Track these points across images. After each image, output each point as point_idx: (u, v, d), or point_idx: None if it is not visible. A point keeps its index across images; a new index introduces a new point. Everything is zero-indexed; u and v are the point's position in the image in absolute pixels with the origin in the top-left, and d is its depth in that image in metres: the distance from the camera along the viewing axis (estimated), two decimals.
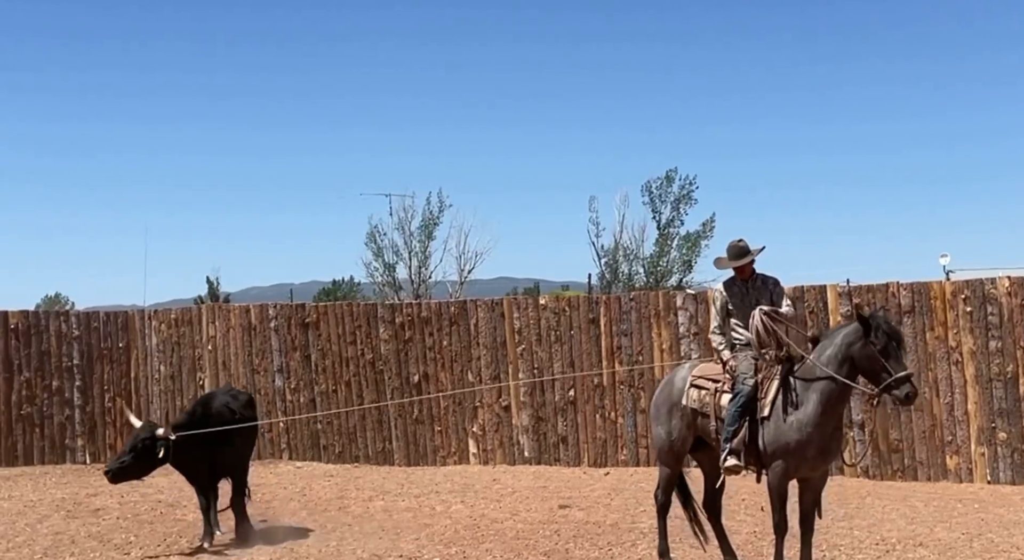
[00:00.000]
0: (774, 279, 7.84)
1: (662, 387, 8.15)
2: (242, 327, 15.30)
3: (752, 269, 7.82)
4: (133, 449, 9.05)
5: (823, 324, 12.56)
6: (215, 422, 9.51)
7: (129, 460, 9.04)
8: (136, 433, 9.16)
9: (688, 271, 34.17)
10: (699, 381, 7.74)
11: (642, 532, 9.41)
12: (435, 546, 9.08)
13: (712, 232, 34.26)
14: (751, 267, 7.81)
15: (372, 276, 35.49)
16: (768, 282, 7.81)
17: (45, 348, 15.42)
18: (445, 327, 14.42)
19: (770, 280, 7.82)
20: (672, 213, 34.47)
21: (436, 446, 14.37)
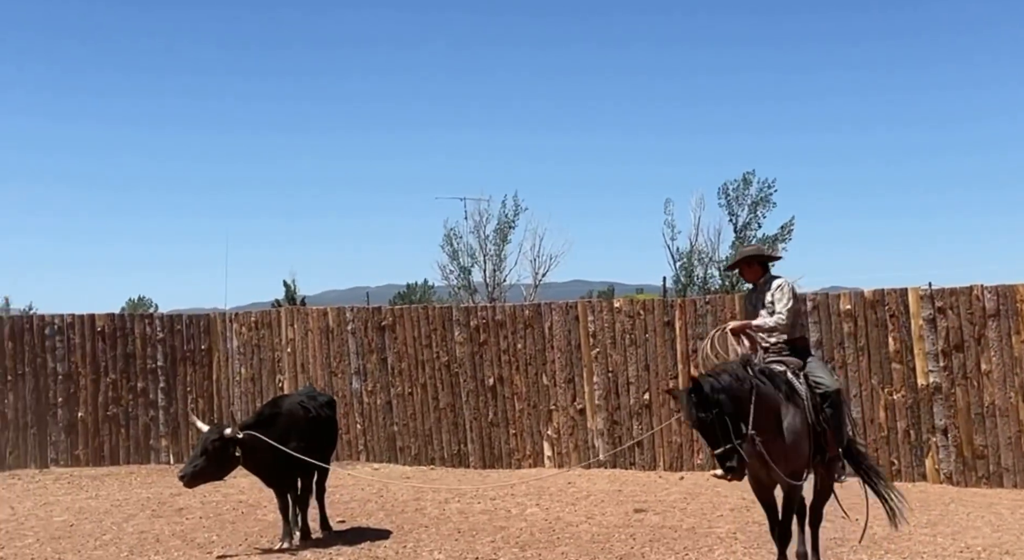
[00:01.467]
0: (775, 280, 7.56)
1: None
2: (320, 330, 15.52)
3: (760, 273, 7.65)
4: (204, 452, 9.19)
5: (904, 328, 12.35)
6: (285, 421, 9.61)
7: (202, 463, 9.17)
8: (205, 436, 9.30)
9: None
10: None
11: (719, 537, 9.34)
12: (511, 548, 9.11)
13: (790, 236, 33.88)
14: (756, 272, 7.65)
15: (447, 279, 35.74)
16: (769, 284, 7.58)
17: (130, 350, 15.81)
18: (520, 330, 14.46)
19: (771, 282, 7.57)
20: (749, 216, 34.14)
21: (511, 449, 14.41)
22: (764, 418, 6.80)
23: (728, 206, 34.33)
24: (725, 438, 6.56)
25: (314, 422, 9.86)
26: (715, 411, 6.57)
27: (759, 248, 7.85)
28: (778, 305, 7.44)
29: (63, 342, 15.65)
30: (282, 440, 9.40)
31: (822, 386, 7.32)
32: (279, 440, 9.38)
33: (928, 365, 12.20)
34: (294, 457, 9.45)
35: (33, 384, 15.50)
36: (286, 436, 9.47)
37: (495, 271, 35.08)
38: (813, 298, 13.14)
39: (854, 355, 12.62)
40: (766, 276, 7.65)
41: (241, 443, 9.15)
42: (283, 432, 9.48)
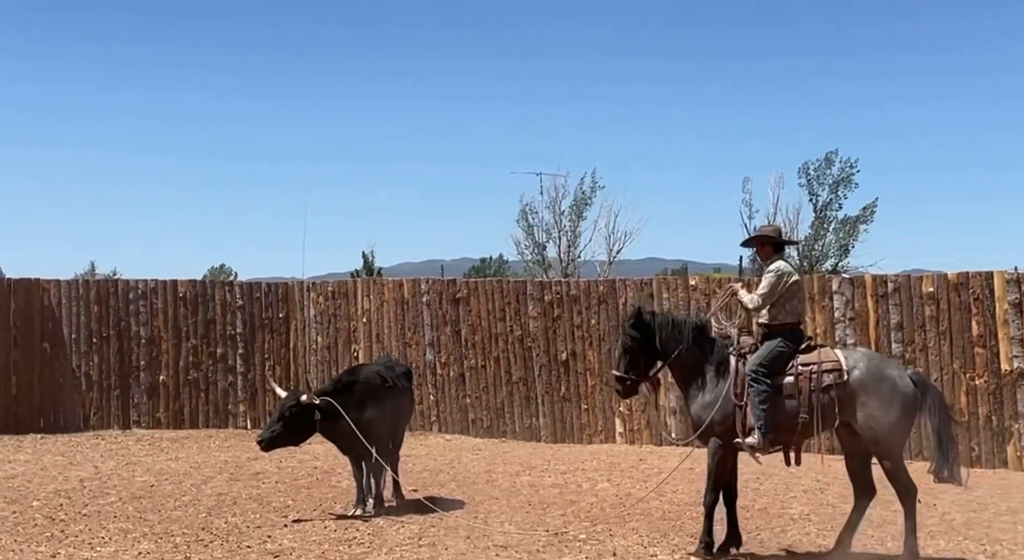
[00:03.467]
0: (771, 264, 7.97)
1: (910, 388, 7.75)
2: (395, 301, 15.65)
3: (770, 254, 8.06)
4: (281, 417, 9.37)
5: (988, 312, 12.05)
6: (361, 389, 9.72)
7: (279, 428, 9.35)
8: (282, 402, 9.48)
9: (844, 256, 33.22)
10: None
11: (792, 518, 9.25)
12: (581, 523, 9.13)
13: (872, 217, 33.23)
14: (767, 252, 8.09)
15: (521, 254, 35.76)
16: (767, 266, 8.02)
17: (211, 316, 16.12)
18: (593, 306, 14.43)
19: (770, 264, 7.99)
20: (830, 196, 33.55)
21: (583, 424, 14.42)
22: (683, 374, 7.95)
23: (808, 186, 33.80)
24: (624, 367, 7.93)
25: (390, 392, 9.95)
26: (637, 341, 7.82)
27: (775, 230, 8.36)
28: (759, 288, 7.91)
29: (146, 307, 16.01)
30: (358, 408, 9.52)
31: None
32: (355, 408, 9.50)
33: (1012, 350, 11.91)
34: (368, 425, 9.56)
35: (117, 347, 15.90)
36: (362, 404, 9.58)
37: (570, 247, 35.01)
38: (895, 280, 12.90)
39: (935, 339, 12.37)
40: (772, 258, 8.03)
41: (319, 409, 9.30)
42: (359, 400, 9.60)
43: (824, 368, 7.56)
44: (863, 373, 7.55)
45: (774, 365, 7.61)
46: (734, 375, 7.69)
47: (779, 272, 7.80)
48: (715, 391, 7.73)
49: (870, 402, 7.49)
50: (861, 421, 7.53)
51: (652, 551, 8.10)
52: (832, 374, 7.55)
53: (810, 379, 7.55)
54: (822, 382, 7.53)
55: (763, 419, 7.51)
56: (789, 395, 7.58)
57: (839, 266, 32.56)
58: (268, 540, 8.59)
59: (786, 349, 7.67)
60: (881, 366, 7.74)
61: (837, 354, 7.74)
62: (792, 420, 7.58)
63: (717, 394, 7.70)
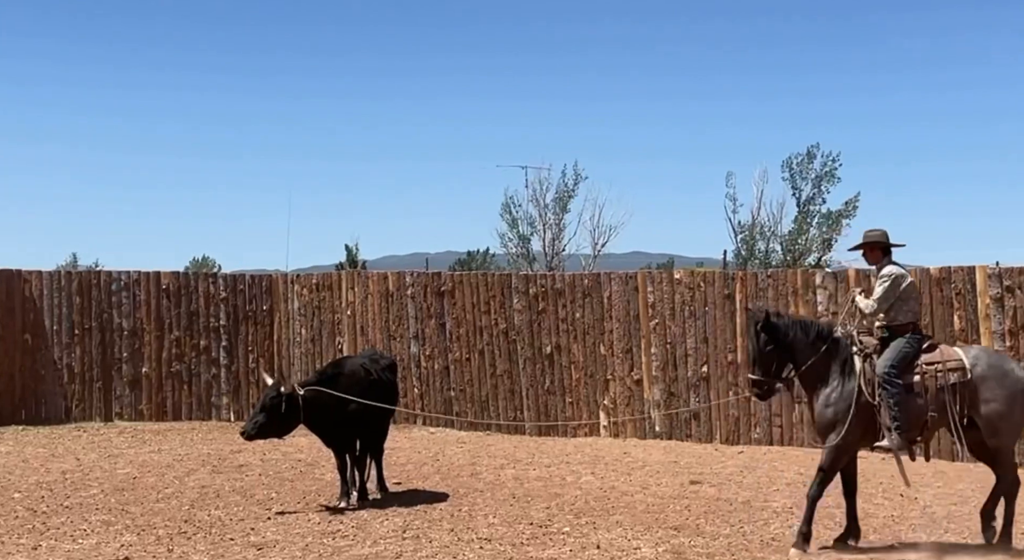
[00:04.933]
0: (885, 268, 8.06)
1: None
2: (380, 294, 15.63)
3: (880, 257, 8.14)
4: (263, 408, 9.35)
5: (970, 306, 12.13)
6: (346, 381, 9.71)
7: (261, 419, 9.33)
8: (266, 392, 9.46)
9: (827, 250, 33.33)
10: None
11: (775, 511, 9.29)
12: (565, 515, 9.15)
13: (855, 211, 33.32)
14: (876, 256, 8.16)
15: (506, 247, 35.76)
16: (880, 270, 8.10)
17: (194, 308, 16.05)
18: (578, 299, 14.44)
19: (883, 268, 8.07)
20: (813, 190, 33.64)
21: (567, 417, 14.43)
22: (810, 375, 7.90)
23: (791, 180, 33.84)
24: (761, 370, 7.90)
25: (375, 384, 9.94)
26: (769, 346, 7.84)
27: (882, 235, 8.29)
28: (875, 292, 8.03)
29: (129, 298, 15.93)
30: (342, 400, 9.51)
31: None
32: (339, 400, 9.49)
33: (994, 344, 11.96)
34: (352, 417, 9.55)
35: (99, 339, 15.82)
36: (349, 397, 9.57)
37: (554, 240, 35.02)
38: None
39: None
40: (883, 261, 8.15)
41: (302, 400, 9.28)
42: (343, 392, 9.58)
43: (948, 366, 7.81)
44: (985, 369, 7.80)
45: (902, 365, 7.81)
46: (860, 375, 7.83)
47: (892, 276, 7.99)
48: (842, 391, 7.84)
49: (993, 397, 7.74)
50: (984, 415, 7.77)
51: (636, 544, 8.13)
52: (956, 372, 7.78)
53: (935, 377, 7.78)
54: (948, 380, 7.77)
55: (900, 419, 7.71)
56: (917, 393, 7.78)
57: (822, 260, 32.67)
58: (251, 533, 8.57)
59: (911, 349, 7.87)
60: (1000, 362, 8.07)
61: (958, 352, 7.99)
62: (921, 418, 7.80)
63: (844, 394, 7.82)
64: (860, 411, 7.74)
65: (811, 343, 7.88)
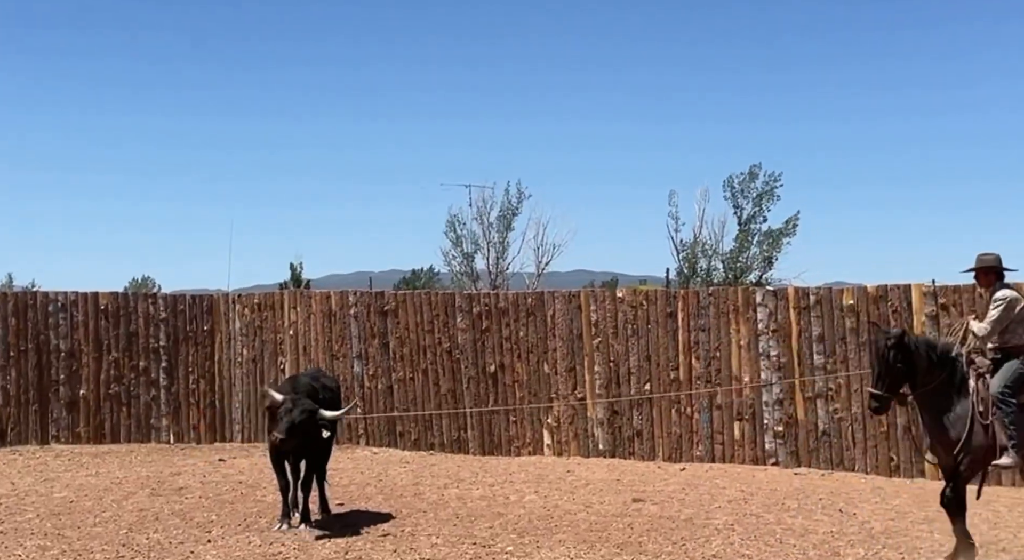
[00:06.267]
0: (998, 292, 8.19)
1: None
2: (323, 313, 15.54)
3: (993, 281, 8.30)
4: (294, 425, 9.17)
5: (907, 324, 12.34)
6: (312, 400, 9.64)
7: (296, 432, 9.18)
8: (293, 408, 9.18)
9: (768, 268, 33.74)
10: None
11: (716, 528, 9.37)
12: (508, 535, 9.14)
13: (795, 230, 33.77)
14: (990, 280, 8.29)
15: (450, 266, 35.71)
16: (993, 294, 8.23)
17: (133, 329, 15.83)
18: (522, 318, 14.48)
19: (996, 292, 8.21)
20: (754, 209, 34.04)
21: (511, 436, 14.44)
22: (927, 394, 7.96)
23: (733, 199, 34.23)
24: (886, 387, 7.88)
25: (327, 403, 9.88)
26: (899, 365, 7.84)
27: (996, 259, 8.43)
28: (987, 316, 8.16)
29: (66, 319, 15.67)
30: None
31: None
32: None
33: None
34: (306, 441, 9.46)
35: (36, 361, 15.53)
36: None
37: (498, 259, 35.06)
38: (816, 292, 13.16)
39: (856, 350, 12.63)
40: (996, 285, 8.29)
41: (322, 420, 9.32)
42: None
43: None
44: None
45: (1016, 385, 7.91)
46: (975, 394, 7.93)
47: (1007, 299, 8.10)
48: (959, 410, 7.93)
49: None
50: None
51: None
52: None
53: None
54: None
55: (1016, 438, 7.81)
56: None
57: (763, 278, 33.06)
58: (191, 556, 8.45)
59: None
60: None
61: None
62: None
63: (961, 413, 7.91)
64: (975, 430, 7.85)
65: (935, 364, 7.94)
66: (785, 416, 12.98)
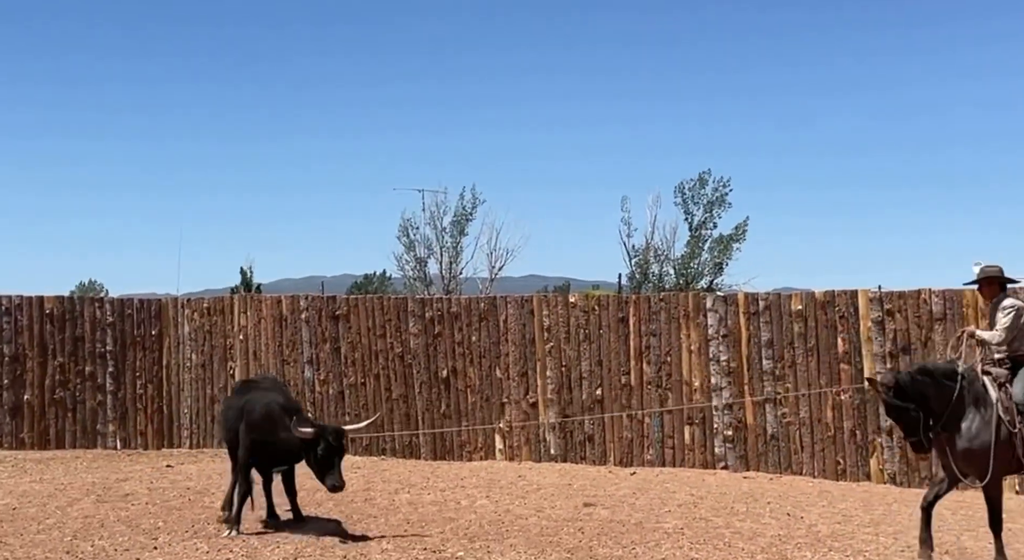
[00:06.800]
0: (1005, 300, 8.30)
1: None
2: (273, 318, 15.42)
3: (997, 292, 8.40)
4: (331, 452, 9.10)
5: (853, 329, 12.52)
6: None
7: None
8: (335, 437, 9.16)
9: (719, 273, 34.04)
10: None
11: (666, 532, 9.42)
12: (459, 540, 9.12)
13: (745, 235, 34.12)
14: (994, 290, 8.42)
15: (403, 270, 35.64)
16: (1000, 303, 8.31)
17: (79, 334, 15.61)
18: (474, 323, 14.47)
19: (1002, 301, 8.32)
20: (705, 215, 34.32)
21: (463, 441, 14.42)
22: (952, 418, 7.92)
23: (684, 205, 34.50)
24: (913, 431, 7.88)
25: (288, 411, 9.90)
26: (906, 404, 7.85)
27: (999, 270, 8.61)
28: (998, 323, 8.25)
29: (10, 324, 15.41)
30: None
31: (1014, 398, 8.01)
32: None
33: (876, 366, 12.38)
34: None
35: None
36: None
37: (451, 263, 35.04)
38: (766, 298, 13.29)
39: (803, 355, 12.78)
40: (1000, 295, 8.42)
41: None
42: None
43: None
44: None
45: None
46: (998, 404, 7.95)
47: (1016, 307, 8.23)
48: (983, 422, 7.93)
49: None
50: None
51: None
52: None
53: None
54: None
55: None
56: None
57: (714, 284, 33.34)
58: None
59: None
60: None
61: None
62: None
63: (986, 424, 7.92)
64: (1001, 440, 7.87)
65: (942, 389, 7.91)
66: (734, 420, 13.10)
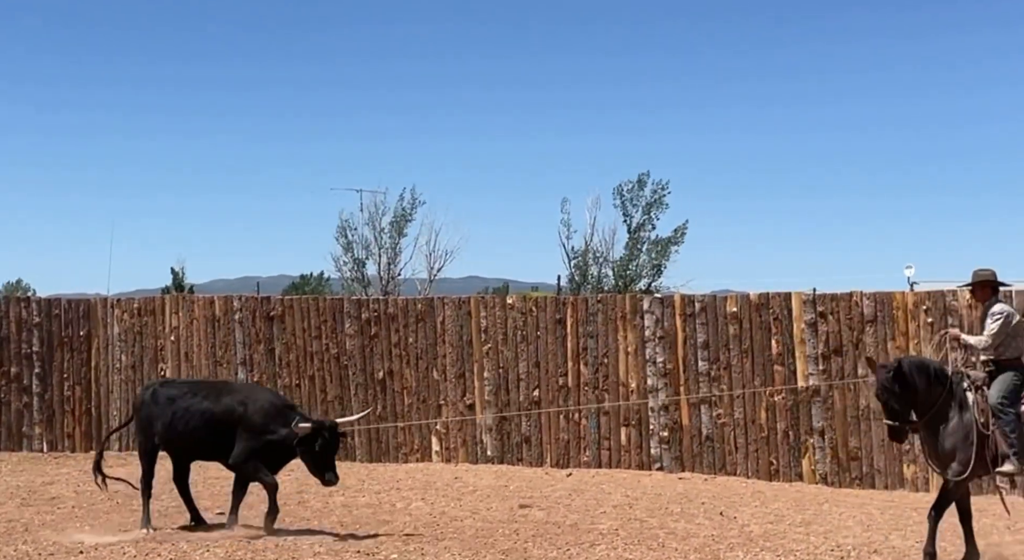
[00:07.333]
0: (995, 306, 8.38)
1: None
2: (206, 318, 15.18)
3: (989, 295, 8.47)
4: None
5: (787, 331, 12.65)
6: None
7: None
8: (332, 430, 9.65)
9: (658, 276, 34.26)
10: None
11: (601, 533, 9.42)
12: (393, 543, 9.04)
13: (683, 238, 34.36)
14: (986, 294, 8.49)
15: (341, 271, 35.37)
16: (990, 307, 8.37)
17: (4, 334, 15.23)
18: (411, 324, 14.38)
19: (992, 306, 8.40)
20: (643, 217, 34.50)
21: (399, 443, 14.32)
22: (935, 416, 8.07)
23: (623, 207, 34.64)
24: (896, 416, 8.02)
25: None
26: (900, 390, 7.96)
27: (992, 274, 8.69)
28: (986, 328, 8.31)
29: None
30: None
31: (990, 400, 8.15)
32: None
33: (808, 368, 12.53)
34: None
35: None
36: None
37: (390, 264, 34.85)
38: (702, 300, 13.38)
39: (738, 357, 12.89)
40: (992, 300, 8.46)
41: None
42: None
43: None
44: None
45: (1013, 396, 8.11)
46: (974, 407, 8.09)
47: (1005, 313, 8.30)
48: (960, 423, 8.07)
49: None
50: None
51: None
52: None
53: None
54: None
55: (1016, 446, 8.01)
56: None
57: (652, 286, 33.55)
58: None
59: (1019, 381, 8.18)
60: None
61: None
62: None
63: (963, 425, 8.05)
64: (978, 441, 7.99)
65: (932, 387, 8.07)
66: (670, 422, 13.16)
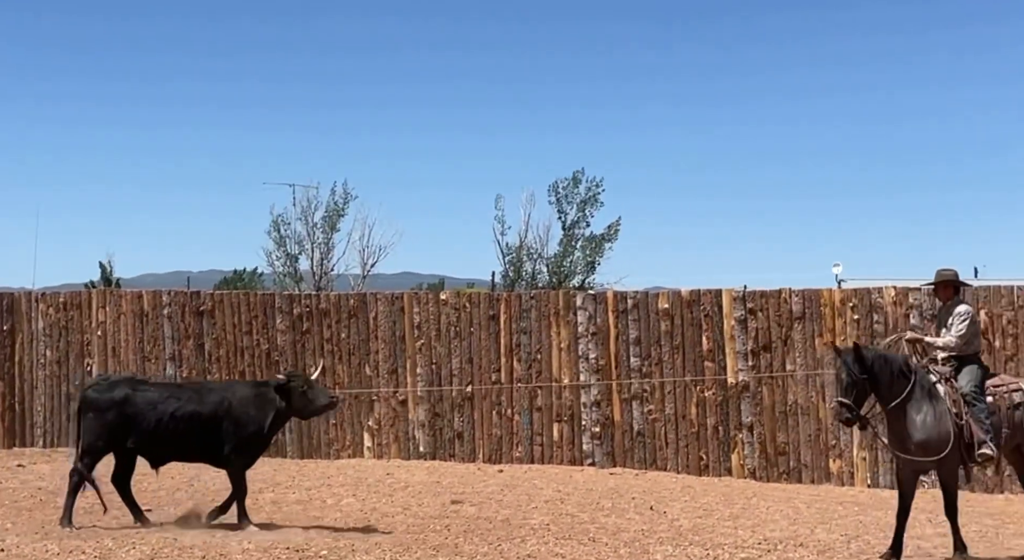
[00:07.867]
0: (959, 306, 8.57)
1: None
2: (133, 313, 14.93)
3: (951, 295, 8.67)
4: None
5: (717, 327, 12.81)
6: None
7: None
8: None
9: (591, 272, 34.41)
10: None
11: (532, 528, 9.46)
12: (323, 539, 8.97)
13: (616, 235, 34.55)
14: (948, 293, 8.68)
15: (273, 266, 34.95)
16: (954, 307, 8.57)
17: None
18: (344, 320, 14.30)
19: (956, 306, 8.58)
20: (578, 214, 34.62)
21: (330, 439, 14.23)
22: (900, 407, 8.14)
23: (557, 204, 34.72)
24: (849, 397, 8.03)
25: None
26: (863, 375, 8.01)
27: (954, 274, 8.88)
28: (953, 328, 8.49)
29: None
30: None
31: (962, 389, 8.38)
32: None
33: (738, 364, 12.71)
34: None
35: None
36: None
37: (323, 260, 34.51)
38: (634, 296, 13.49)
39: (670, 353, 13.02)
40: (955, 299, 8.66)
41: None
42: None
43: (1011, 388, 8.44)
44: None
45: (981, 385, 8.32)
46: (947, 397, 8.25)
47: (970, 313, 8.52)
48: (935, 414, 8.18)
49: None
50: None
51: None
52: (1020, 393, 8.41)
53: (1004, 397, 8.38)
54: (1014, 400, 8.39)
55: (992, 431, 8.21)
56: (992, 412, 8.31)
57: (586, 282, 33.68)
58: None
59: (983, 372, 8.43)
60: None
61: (1014, 377, 8.81)
62: (1000, 433, 8.32)
63: (939, 416, 8.17)
64: (951, 429, 8.17)
65: (896, 378, 8.15)
66: (602, 417, 13.26)
